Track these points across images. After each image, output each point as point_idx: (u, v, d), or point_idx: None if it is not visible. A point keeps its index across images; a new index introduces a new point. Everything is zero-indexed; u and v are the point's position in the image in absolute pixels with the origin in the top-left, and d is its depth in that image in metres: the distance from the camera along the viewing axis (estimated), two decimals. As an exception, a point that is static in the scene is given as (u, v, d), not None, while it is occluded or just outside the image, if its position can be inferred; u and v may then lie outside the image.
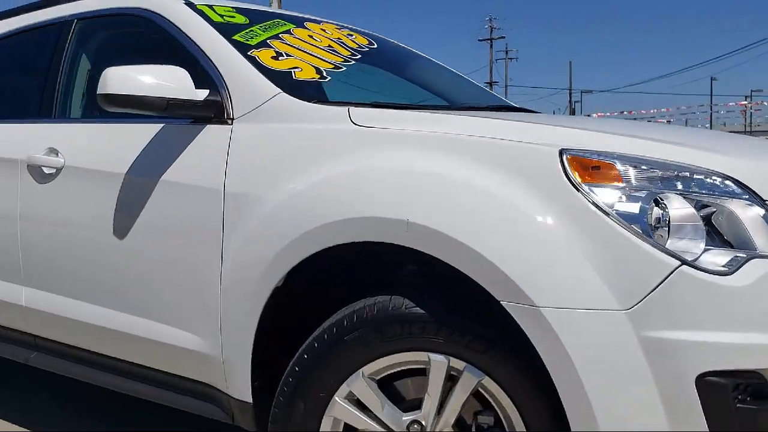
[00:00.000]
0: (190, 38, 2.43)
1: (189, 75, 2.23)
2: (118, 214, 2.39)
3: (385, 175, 1.78)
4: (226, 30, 2.45)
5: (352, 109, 2.00)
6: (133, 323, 2.38)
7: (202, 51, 2.37)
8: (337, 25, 3.03)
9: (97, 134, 2.59)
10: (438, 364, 1.71)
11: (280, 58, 2.37)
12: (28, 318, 2.78)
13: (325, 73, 2.40)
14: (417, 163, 1.77)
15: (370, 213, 1.73)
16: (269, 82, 2.21)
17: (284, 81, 2.24)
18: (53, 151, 2.66)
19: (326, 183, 1.87)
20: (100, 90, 2.17)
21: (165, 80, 2.20)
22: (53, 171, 2.63)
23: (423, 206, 1.68)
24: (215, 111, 2.25)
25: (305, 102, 2.12)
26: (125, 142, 2.46)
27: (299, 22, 2.80)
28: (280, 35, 2.56)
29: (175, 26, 2.49)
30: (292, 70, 2.32)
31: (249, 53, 2.34)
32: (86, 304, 2.56)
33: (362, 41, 2.90)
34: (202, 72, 2.33)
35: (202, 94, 2.24)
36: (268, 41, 2.47)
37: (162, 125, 2.37)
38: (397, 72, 2.96)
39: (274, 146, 2.06)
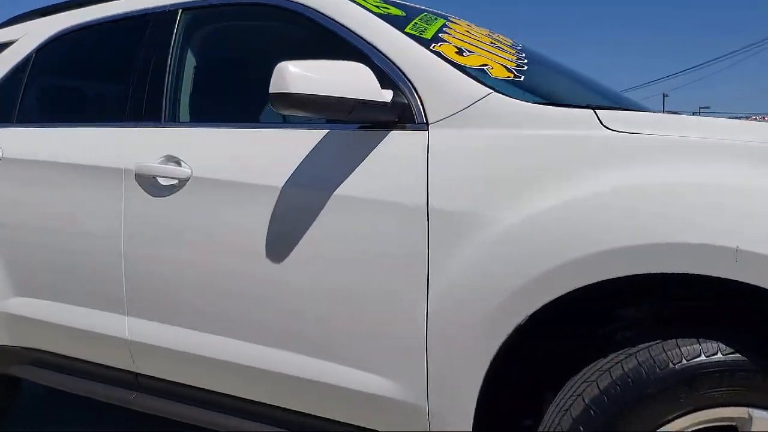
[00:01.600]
0: (353, 31, 2.10)
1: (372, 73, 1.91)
2: (272, 234, 2.04)
3: (689, 191, 1.48)
4: (394, 23, 2.12)
5: (601, 111, 1.70)
6: (290, 362, 2.03)
7: (373, 46, 2.04)
8: (466, 22, 2.72)
9: (232, 141, 2.23)
10: (762, 421, 1.41)
11: (463, 53, 2.05)
12: (132, 353, 2.40)
13: (516, 72, 2.09)
14: (722, 177, 1.47)
15: (682, 239, 1.42)
16: (473, 80, 1.89)
17: (486, 80, 1.92)
18: (172, 160, 2.29)
19: (595, 201, 1.56)
20: (275, 89, 1.83)
21: (349, 78, 1.87)
22: (174, 182, 2.26)
23: (756, 230, 1.38)
24: (399, 114, 1.92)
25: (527, 103, 1.80)
26: (274, 150, 2.12)
27: (444, 17, 2.49)
28: (443, 29, 2.25)
29: (329, 18, 2.16)
30: (484, 68, 2.01)
31: (432, 48, 2.02)
32: (216, 337, 2.19)
33: (507, 40, 2.60)
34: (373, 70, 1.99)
35: (387, 94, 1.91)
36: (439, 35, 2.15)
37: (325, 131, 2.03)
38: (560, 73, 2.66)
39: (497, 156, 1.74)
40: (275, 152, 2.11)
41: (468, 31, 2.37)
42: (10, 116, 2.94)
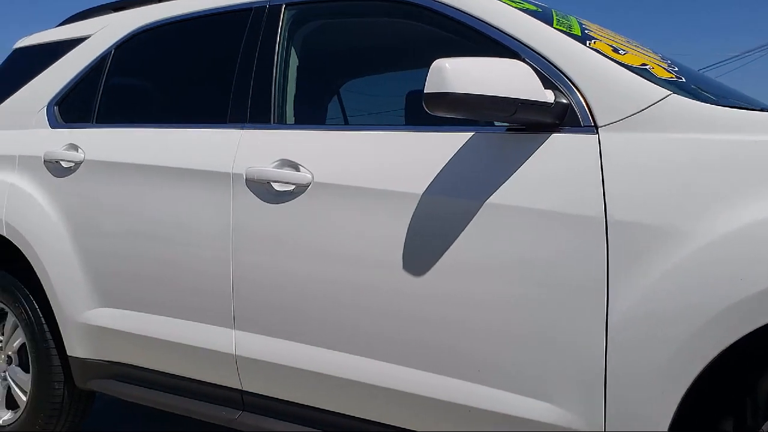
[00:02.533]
0: (497, 28, 1.96)
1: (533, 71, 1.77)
2: (410, 245, 1.90)
3: None
4: (539, 19, 1.98)
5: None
6: (432, 384, 1.88)
7: (524, 43, 1.90)
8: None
9: (356, 144, 2.08)
10: None
11: (619, 52, 1.91)
12: (239, 370, 2.24)
13: (675, 73, 1.94)
14: None
15: None
16: (646, 81, 1.74)
17: (656, 80, 1.78)
18: (289, 164, 2.14)
19: None
20: (433, 88, 1.68)
21: (510, 77, 1.72)
22: (291, 188, 2.11)
23: None
24: (559, 116, 1.77)
25: (715, 106, 1.66)
26: (408, 154, 1.97)
27: (572, 14, 2.34)
28: (584, 26, 2.10)
29: (466, 13, 2.01)
30: (645, 67, 1.86)
31: (589, 46, 1.87)
32: (337, 354, 2.04)
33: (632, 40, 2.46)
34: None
35: (549, 95, 1.76)
36: (586, 32, 2.01)
37: (469, 133, 1.89)
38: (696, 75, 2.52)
39: (689, 164, 1.59)
40: (410, 156, 1.96)
41: (601, 29, 2.23)
42: (88, 116, 2.78)
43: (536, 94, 1.73)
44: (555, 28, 1.93)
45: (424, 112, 1.76)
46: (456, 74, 1.67)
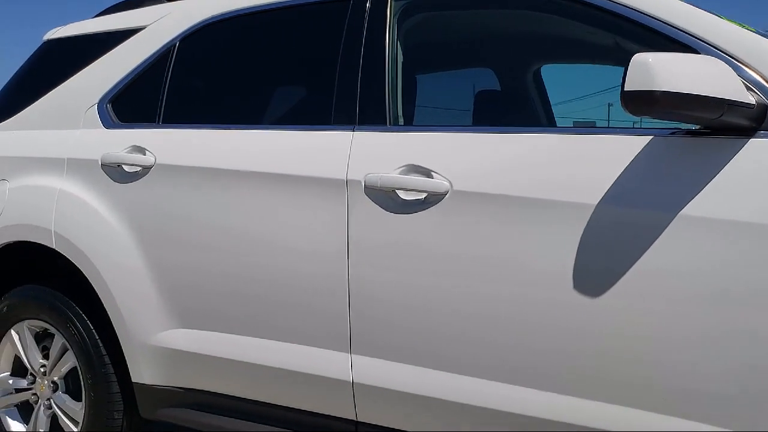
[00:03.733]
0: (668, 23, 1.78)
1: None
2: (581, 261, 1.70)
3: None
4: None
5: None
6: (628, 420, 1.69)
7: (702, 39, 1.73)
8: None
9: (500, 148, 1.89)
10: None
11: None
12: (356, 398, 2.02)
13: None
14: None
15: None
16: None
17: None
18: (418, 170, 1.93)
19: None
20: (637, 85, 1.51)
21: (711, 76, 1.56)
22: (421, 197, 1.90)
23: None
24: (759, 119, 1.61)
25: None
26: (571, 159, 1.78)
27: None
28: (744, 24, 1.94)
29: (634, 9, 1.82)
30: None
31: (772, 41, 1.72)
32: (480, 381, 1.84)
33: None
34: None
35: (750, 96, 1.60)
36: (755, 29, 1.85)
37: (645, 137, 1.71)
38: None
39: None
40: (566, 161, 1.78)
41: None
42: (151, 116, 2.51)
43: (740, 94, 1.57)
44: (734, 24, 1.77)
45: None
46: (662, 71, 1.50)
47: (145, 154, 2.40)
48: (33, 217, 2.58)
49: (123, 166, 2.44)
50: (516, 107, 2.18)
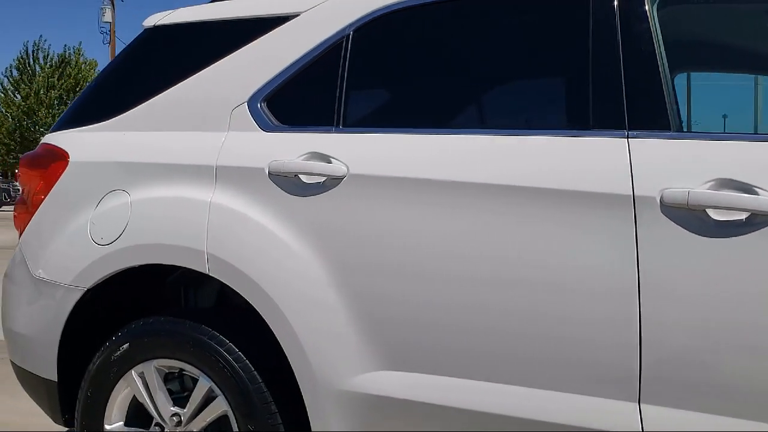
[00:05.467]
0: None
1: None
2: None
3: None
4: None
5: None
6: None
7: None
8: None
9: None
10: None
11: None
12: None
13: None
14: None
15: None
16: None
17: None
18: (736, 186, 1.64)
19: None
20: None
21: None
22: (741, 217, 1.61)
23: None
24: None
25: None
26: None
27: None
28: None
29: None
30: None
31: None
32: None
33: None
34: None
35: None
36: None
37: None
38: None
39: None
40: None
41: None
42: (325, 118, 2.13)
43: None
44: None
45: None
46: None
47: (330, 162, 2.02)
48: (175, 236, 2.15)
49: (300, 176, 2.04)
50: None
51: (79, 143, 2.43)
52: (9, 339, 2.56)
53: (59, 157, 2.42)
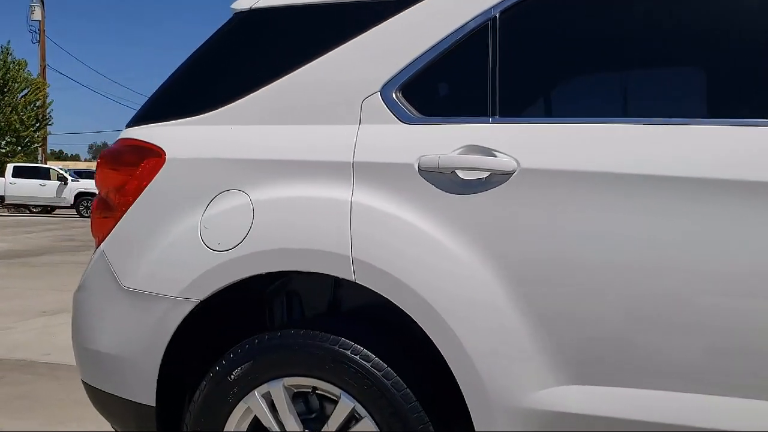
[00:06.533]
0: None
1: None
2: None
3: None
4: None
5: None
6: None
7: None
8: None
9: None
10: None
11: None
12: None
13: None
14: None
15: None
16: None
17: None
18: None
19: None
20: None
21: None
22: None
23: None
24: None
25: None
26: None
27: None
28: None
29: None
30: None
31: None
32: None
33: None
34: None
35: None
36: None
37: None
38: None
39: None
40: None
41: None
42: (475, 107, 1.95)
43: None
44: None
45: None
46: None
47: (495, 156, 1.83)
48: (313, 241, 1.93)
49: (458, 172, 1.85)
50: None
51: (175, 139, 2.18)
52: (85, 359, 2.29)
53: (153, 154, 2.17)
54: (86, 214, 24.29)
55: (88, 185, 24.58)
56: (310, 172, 1.98)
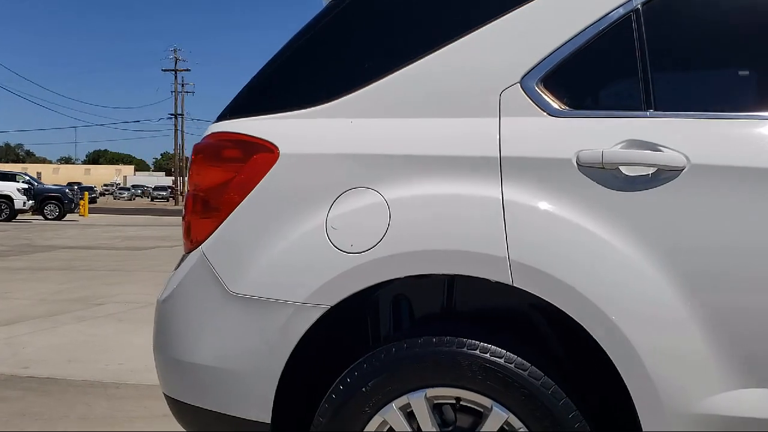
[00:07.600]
0: None
1: None
2: None
3: None
4: None
5: None
6: None
7: None
8: None
9: None
10: None
11: None
12: None
13: None
14: None
15: None
16: None
17: None
18: None
19: None
20: None
21: None
22: None
23: None
24: None
25: None
26: None
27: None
28: None
29: None
30: None
31: None
32: None
33: None
34: None
35: None
36: None
37: None
38: None
39: None
40: None
41: None
42: (631, 102, 1.86)
43: None
44: None
45: None
46: None
47: (661, 151, 1.75)
48: (463, 241, 1.80)
49: (621, 167, 1.77)
50: None
51: (287, 133, 2.02)
52: (176, 373, 2.10)
53: (263, 149, 2.00)
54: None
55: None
56: (449, 168, 1.86)
